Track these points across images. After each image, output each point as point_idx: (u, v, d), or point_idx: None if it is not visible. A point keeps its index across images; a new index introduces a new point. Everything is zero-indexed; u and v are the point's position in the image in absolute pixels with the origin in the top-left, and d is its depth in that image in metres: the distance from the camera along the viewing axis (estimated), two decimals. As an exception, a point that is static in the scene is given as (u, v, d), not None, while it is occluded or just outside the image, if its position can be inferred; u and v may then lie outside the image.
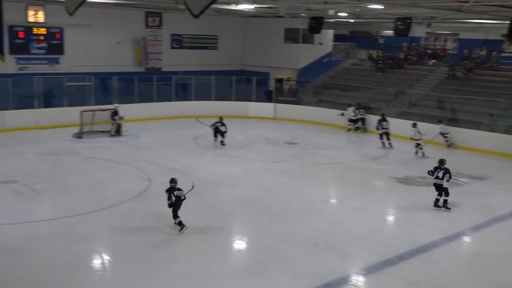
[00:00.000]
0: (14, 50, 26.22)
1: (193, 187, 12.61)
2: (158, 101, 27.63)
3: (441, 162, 14.34)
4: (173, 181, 12.26)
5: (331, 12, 24.96)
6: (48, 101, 25.21)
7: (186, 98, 28.50)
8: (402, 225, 13.60)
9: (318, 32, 28.56)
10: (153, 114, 26.55)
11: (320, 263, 10.74)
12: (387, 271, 10.60)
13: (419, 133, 20.16)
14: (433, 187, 14.28)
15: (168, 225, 12.51)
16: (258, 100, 29.14)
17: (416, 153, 20.38)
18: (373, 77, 29.29)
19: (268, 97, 29.90)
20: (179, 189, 12.16)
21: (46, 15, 27.14)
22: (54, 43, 27.90)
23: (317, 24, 27.64)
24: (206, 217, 13.15)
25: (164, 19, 31.67)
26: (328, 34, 33.80)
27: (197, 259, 10.74)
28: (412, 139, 20.45)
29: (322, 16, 27.17)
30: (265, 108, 28.62)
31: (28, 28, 26.93)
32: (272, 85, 31.71)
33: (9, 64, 24.37)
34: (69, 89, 25.36)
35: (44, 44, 27.60)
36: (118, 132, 22.72)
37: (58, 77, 25.85)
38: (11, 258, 10.46)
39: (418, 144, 20.29)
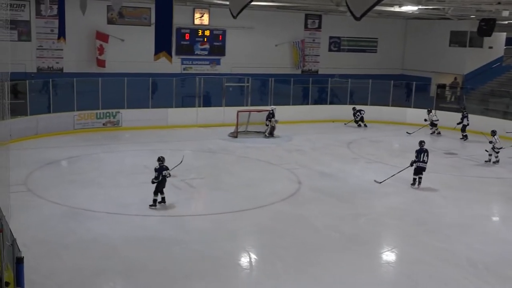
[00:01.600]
0: (179, 51, 28.12)
1: (181, 161, 14.47)
2: (312, 104, 27.95)
3: (421, 143, 16.23)
4: (160, 159, 13.48)
5: (505, 13, 23.36)
6: (207, 100, 26.70)
7: (341, 101, 28.48)
8: None
9: (489, 35, 26.90)
10: (307, 117, 26.90)
11: (478, 285, 10.13)
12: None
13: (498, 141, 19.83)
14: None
15: (316, 229, 12.62)
16: (416, 106, 28.19)
17: (490, 160, 19.93)
18: (550, 85, 26.92)
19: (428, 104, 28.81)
20: (167, 168, 13.52)
21: (210, 18, 28.75)
22: (216, 45, 29.43)
23: (488, 26, 26.04)
24: (355, 225, 13.04)
25: (323, 21, 31.92)
26: (499, 37, 31.66)
27: (343, 266, 10.69)
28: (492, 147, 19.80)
29: (494, 18, 25.53)
30: (424, 115, 27.57)
31: (194, 30, 28.71)
32: (433, 90, 30.48)
33: (175, 65, 26.17)
34: (228, 89, 26.61)
35: (207, 46, 29.24)
36: (271, 133, 23.35)
37: (217, 78, 27.26)
38: (170, 248, 11.24)
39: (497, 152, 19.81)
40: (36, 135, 21.21)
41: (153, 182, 13.44)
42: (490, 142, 19.76)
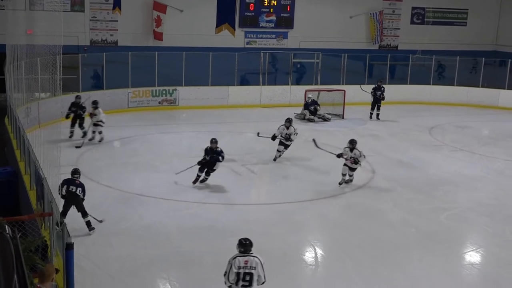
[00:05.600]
0: (243, 23, 28.22)
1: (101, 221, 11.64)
2: (390, 83, 27.47)
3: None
4: (75, 172, 11.44)
5: None
6: (273, 78, 26.73)
7: (423, 81, 27.85)
8: None
9: None
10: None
11: None
12: None
13: None
14: None
15: (390, 224, 12.49)
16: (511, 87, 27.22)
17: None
18: None
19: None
20: (78, 185, 11.23)
21: (278, -14, 28.68)
22: (284, 16, 29.33)
23: None
24: (435, 220, 12.78)
25: (405, -10, 31.30)
26: None
27: (420, 267, 10.53)
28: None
29: None
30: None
31: (259, 0, 28.70)
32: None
33: (238, 38, 26.31)
34: (295, 66, 26.52)
35: (273, 17, 29.19)
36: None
37: (284, 53, 27.21)
38: (228, 240, 11.29)
39: None
40: (88, 113, 21.84)
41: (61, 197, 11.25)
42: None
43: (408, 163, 17.21)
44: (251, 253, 7.94)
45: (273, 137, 16.85)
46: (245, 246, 7.95)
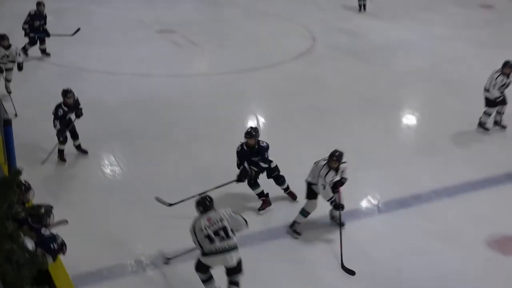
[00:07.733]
0: None
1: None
2: None
3: None
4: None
5: None
6: None
7: None
8: None
9: None
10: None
11: (500, 146, 10.35)
12: None
13: None
14: None
15: (331, 90, 12.68)
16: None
17: None
18: None
19: None
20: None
21: None
22: None
23: None
24: (373, 85, 13.03)
25: None
26: None
27: (360, 130, 10.80)
28: None
29: None
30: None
31: None
32: None
33: None
34: None
35: None
36: None
37: None
38: (171, 112, 11.38)
39: None
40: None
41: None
42: None
43: (349, 31, 17.13)
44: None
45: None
46: (204, 204, 6.31)
